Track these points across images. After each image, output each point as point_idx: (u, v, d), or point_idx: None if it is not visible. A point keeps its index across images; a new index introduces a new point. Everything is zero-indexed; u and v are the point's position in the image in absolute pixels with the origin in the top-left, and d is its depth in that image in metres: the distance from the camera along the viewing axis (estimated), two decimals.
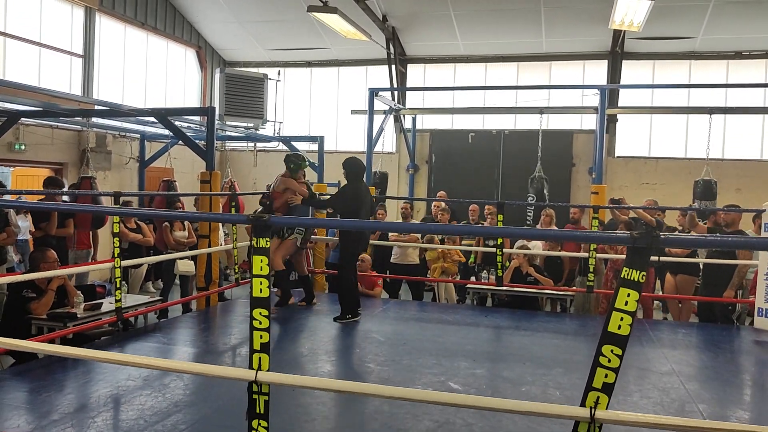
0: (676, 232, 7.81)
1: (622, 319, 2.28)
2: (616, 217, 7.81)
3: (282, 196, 6.67)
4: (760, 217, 8.11)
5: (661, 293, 8.15)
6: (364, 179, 6.70)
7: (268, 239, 2.75)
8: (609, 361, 2.30)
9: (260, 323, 2.72)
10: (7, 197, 6.24)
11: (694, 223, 7.51)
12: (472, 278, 8.64)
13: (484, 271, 8.22)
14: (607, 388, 2.31)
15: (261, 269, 2.74)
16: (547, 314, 7.47)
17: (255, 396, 2.71)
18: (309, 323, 6.38)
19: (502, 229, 5.49)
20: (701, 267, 7.45)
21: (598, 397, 2.32)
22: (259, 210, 6.94)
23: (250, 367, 2.75)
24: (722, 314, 7.10)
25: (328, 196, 7.05)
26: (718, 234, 7.00)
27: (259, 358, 2.73)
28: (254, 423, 2.72)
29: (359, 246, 6.62)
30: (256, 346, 2.73)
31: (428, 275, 8.44)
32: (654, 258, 2.27)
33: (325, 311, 6.88)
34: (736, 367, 5.45)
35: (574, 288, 7.79)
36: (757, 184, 11.09)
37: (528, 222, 9.93)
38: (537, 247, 8.14)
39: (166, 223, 8.15)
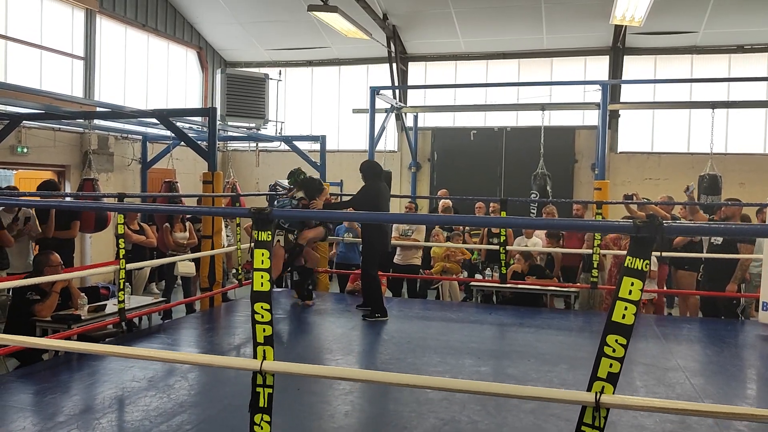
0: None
1: (626, 308, 2.28)
2: (631, 213, 7.76)
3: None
4: (763, 212, 8.09)
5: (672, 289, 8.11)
6: (360, 183, 6.71)
7: (269, 233, 2.76)
8: (614, 350, 2.30)
9: (262, 317, 2.72)
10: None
11: (694, 209, 7.46)
12: (477, 276, 8.64)
13: (488, 268, 8.21)
14: (612, 378, 2.32)
15: (262, 263, 2.74)
16: (551, 311, 7.45)
17: (259, 389, 2.71)
18: (312, 323, 6.38)
19: (506, 220, 5.64)
20: (702, 262, 7.41)
21: (603, 387, 2.33)
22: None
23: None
24: (726, 309, 7.08)
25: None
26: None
27: (264, 351, 2.73)
28: (257, 417, 2.71)
29: (381, 244, 6.59)
30: (260, 339, 2.73)
31: (431, 271, 8.44)
32: (656, 253, 2.27)
33: (328, 310, 6.89)
34: (741, 362, 5.43)
35: (578, 284, 7.78)
36: (760, 178, 11.04)
37: None
38: (537, 245, 8.13)
39: (167, 224, 8.15)
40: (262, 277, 2.74)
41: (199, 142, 7.92)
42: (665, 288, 7.98)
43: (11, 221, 6.70)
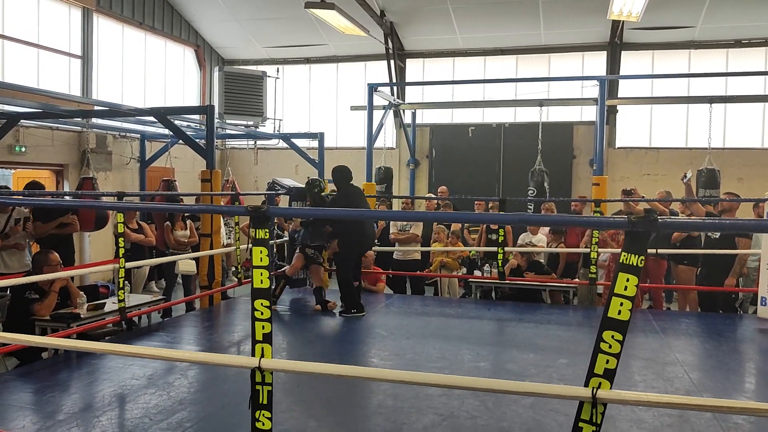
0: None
1: (621, 304, 2.29)
2: (630, 208, 7.77)
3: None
4: (759, 206, 8.10)
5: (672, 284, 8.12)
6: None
7: (267, 230, 2.76)
8: (610, 346, 2.31)
9: (262, 314, 2.73)
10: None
11: (692, 203, 7.45)
12: (476, 272, 8.64)
13: (486, 264, 8.21)
14: (609, 374, 2.33)
15: (261, 260, 2.74)
16: (550, 306, 7.46)
17: (258, 386, 2.71)
18: (313, 319, 6.39)
19: (503, 216, 5.62)
20: (701, 257, 7.41)
21: (600, 383, 2.34)
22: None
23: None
24: (725, 303, 7.08)
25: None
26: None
27: (262, 348, 2.73)
28: (257, 414, 2.72)
29: (358, 245, 6.65)
30: (258, 337, 2.73)
31: (429, 267, 8.44)
32: (652, 250, 2.28)
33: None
34: (739, 356, 5.44)
35: (577, 280, 7.79)
36: (758, 172, 11.05)
37: None
38: (542, 242, 8.13)
39: (168, 223, 8.15)
40: (261, 274, 2.74)
41: (197, 140, 7.91)
42: (664, 283, 7.99)
43: (11, 223, 6.67)
